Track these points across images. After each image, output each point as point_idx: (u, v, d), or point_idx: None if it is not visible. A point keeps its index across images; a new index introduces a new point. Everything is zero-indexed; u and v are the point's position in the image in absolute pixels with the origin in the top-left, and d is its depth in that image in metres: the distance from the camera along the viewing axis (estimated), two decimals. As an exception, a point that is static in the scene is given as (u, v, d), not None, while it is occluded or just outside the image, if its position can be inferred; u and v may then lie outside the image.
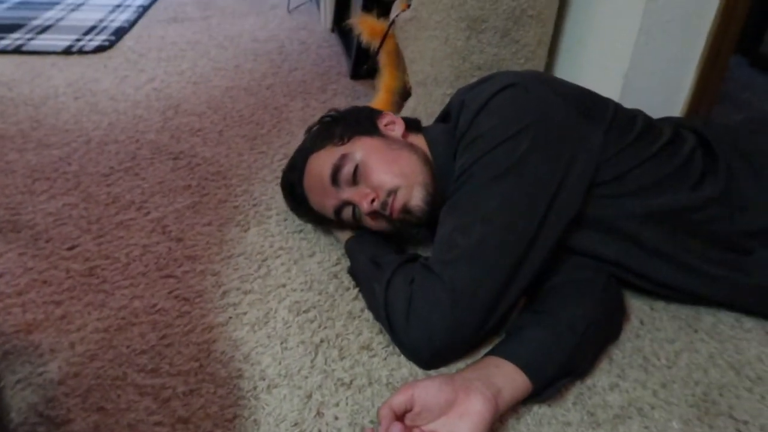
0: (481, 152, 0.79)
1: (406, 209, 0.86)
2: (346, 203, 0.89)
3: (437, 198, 0.87)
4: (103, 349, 0.78)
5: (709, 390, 0.76)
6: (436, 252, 0.79)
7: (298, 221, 1.07)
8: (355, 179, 0.87)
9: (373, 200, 0.85)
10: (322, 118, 1.00)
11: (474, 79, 1.05)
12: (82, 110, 1.49)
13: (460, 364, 0.78)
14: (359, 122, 0.95)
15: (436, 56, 1.29)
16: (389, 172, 0.86)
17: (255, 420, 0.69)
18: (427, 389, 0.66)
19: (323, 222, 1.01)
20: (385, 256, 0.87)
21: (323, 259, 0.97)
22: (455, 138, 0.86)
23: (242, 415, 0.70)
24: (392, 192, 0.85)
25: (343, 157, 0.88)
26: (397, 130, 0.94)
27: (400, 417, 0.66)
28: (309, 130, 1.01)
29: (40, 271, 0.92)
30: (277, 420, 0.70)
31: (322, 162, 0.91)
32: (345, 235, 0.97)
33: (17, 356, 0.76)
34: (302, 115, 1.49)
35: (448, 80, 1.30)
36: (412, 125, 0.97)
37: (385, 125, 0.95)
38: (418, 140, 0.94)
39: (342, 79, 1.75)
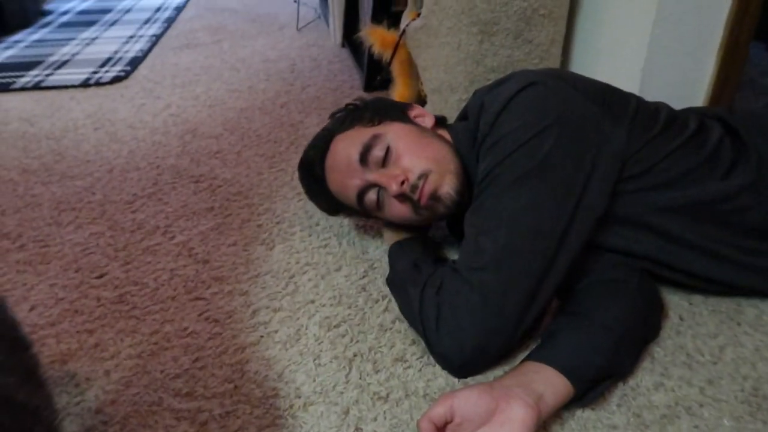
0: (505, 154, 0.78)
1: (435, 196, 0.85)
2: (372, 185, 0.88)
3: (465, 192, 0.86)
4: (138, 375, 0.78)
5: (759, 384, 0.73)
6: (463, 257, 0.78)
7: (322, 236, 1.06)
8: (385, 162, 0.86)
9: (403, 182, 0.83)
10: (348, 105, 0.99)
11: (489, 83, 1.04)
12: (102, 140, 1.51)
13: (498, 371, 0.77)
14: (389, 109, 0.94)
15: (449, 62, 1.29)
16: (422, 155, 0.85)
17: (293, 439, 0.69)
18: (467, 399, 0.65)
19: (333, 208, 0.99)
20: (427, 261, 0.86)
21: (350, 272, 0.96)
22: (476, 140, 0.85)
23: (280, 435, 0.69)
24: (424, 175, 0.84)
25: (375, 137, 0.87)
26: (427, 122, 0.94)
27: (440, 429, 0.65)
28: (333, 115, 0.99)
29: (71, 300, 0.93)
30: (316, 438, 0.69)
31: (350, 141, 0.89)
32: (391, 238, 0.96)
33: (54, 386, 0.76)
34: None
35: (462, 85, 1.30)
36: (440, 121, 0.97)
37: (415, 116, 0.94)
38: (446, 135, 0.93)
39: (355, 93, 1.75)
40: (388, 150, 0.86)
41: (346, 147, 0.89)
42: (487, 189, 0.79)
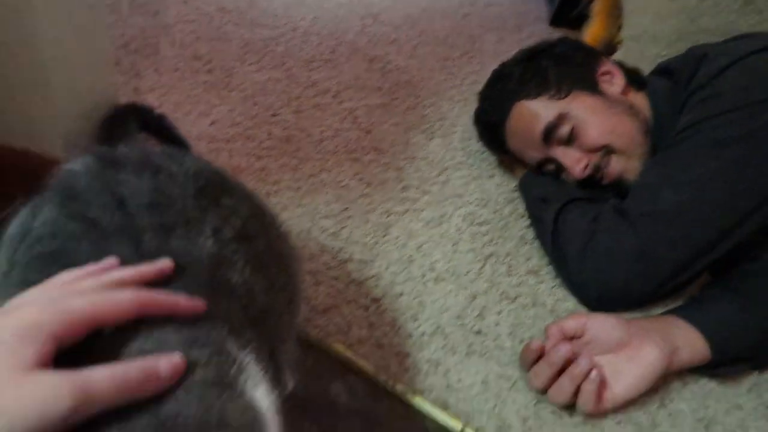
0: (717, 111, 0.73)
1: (620, 180, 0.83)
2: (552, 160, 0.87)
3: None
4: (293, 205, 0.84)
5: None
6: (636, 199, 0.75)
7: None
8: (569, 139, 0.84)
9: (585, 166, 0.83)
10: (532, 52, 0.94)
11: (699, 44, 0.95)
12: (290, 1, 1.57)
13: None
14: (576, 69, 0.89)
15: (660, 12, 1.20)
16: (608, 133, 0.82)
17: (420, 302, 0.72)
18: (602, 323, 0.65)
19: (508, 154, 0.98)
20: (556, 192, 0.84)
21: (502, 182, 0.96)
22: (686, 92, 0.79)
23: (409, 293, 0.73)
24: (608, 152, 0.82)
25: (561, 117, 0.84)
26: (616, 84, 0.88)
27: (567, 340, 0.65)
28: (518, 62, 0.95)
29: (246, 127, 1.00)
30: (441, 309, 0.72)
31: (534, 114, 0.86)
32: (519, 173, 0.95)
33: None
34: (495, 48, 1.46)
35: (667, 40, 1.21)
36: (634, 80, 0.90)
37: (602, 74, 0.89)
38: (638, 99, 0.87)
39: (539, 24, 1.68)
40: (572, 129, 0.83)
41: (530, 121, 0.86)
42: (686, 141, 0.74)
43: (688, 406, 0.66)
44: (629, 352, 0.64)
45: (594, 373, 0.61)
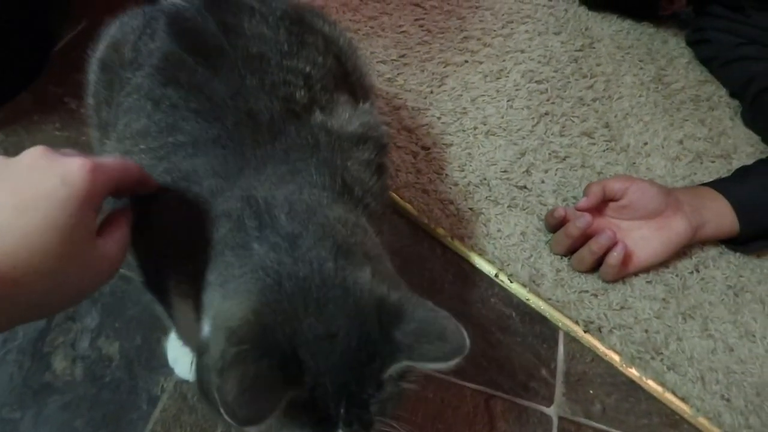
0: None
1: None
2: None
3: None
4: (350, 48, 0.83)
5: None
6: None
7: (552, -4, 1.00)
8: None
9: None
10: None
11: None
12: None
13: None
14: None
15: None
16: None
17: (469, 154, 0.73)
18: (645, 191, 0.65)
19: None
20: None
21: (567, 40, 0.92)
22: None
23: (459, 145, 0.74)
24: None
25: None
26: None
27: (605, 202, 0.66)
28: None
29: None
30: (489, 162, 0.73)
31: None
32: None
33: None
34: None
35: None
36: None
37: None
38: None
39: None
40: None
41: None
42: None
43: (722, 273, 0.68)
44: (660, 221, 0.65)
45: (618, 249, 0.62)
